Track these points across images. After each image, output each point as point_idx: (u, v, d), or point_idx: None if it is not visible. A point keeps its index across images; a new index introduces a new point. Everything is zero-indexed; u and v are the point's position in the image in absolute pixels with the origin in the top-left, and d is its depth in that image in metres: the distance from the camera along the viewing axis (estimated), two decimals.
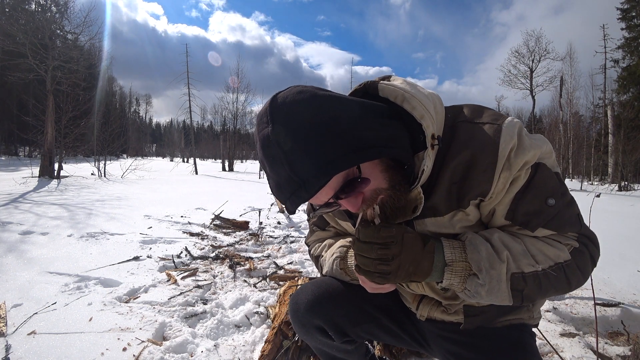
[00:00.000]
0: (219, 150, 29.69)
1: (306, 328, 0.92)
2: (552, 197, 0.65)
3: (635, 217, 5.75)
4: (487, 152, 0.63)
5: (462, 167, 0.65)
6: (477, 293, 0.63)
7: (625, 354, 1.50)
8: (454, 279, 0.64)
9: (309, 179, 0.53)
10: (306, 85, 0.60)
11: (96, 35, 13.50)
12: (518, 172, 0.63)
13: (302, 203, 0.57)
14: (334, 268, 0.88)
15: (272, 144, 0.55)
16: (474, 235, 0.67)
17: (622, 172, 15.84)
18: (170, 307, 1.83)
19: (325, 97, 0.58)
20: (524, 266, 0.63)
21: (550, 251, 0.65)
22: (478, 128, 0.66)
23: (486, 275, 0.62)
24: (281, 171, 0.55)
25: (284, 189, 0.56)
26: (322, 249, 0.96)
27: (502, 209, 0.67)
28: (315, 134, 0.54)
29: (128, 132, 41.81)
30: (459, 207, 0.68)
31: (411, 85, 0.67)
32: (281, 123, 0.55)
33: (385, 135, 0.58)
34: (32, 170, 10.41)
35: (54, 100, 10.55)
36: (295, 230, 3.99)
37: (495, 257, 0.63)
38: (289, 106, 0.56)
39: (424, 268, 0.64)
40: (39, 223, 3.67)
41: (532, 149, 0.63)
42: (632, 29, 21.96)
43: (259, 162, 0.63)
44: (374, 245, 0.61)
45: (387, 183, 0.62)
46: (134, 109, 60.96)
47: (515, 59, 22.01)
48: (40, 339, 1.45)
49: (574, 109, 20.38)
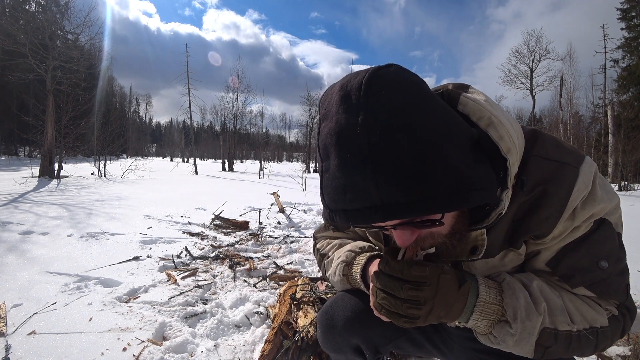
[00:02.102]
0: (219, 150, 29.68)
1: (340, 347, 0.84)
2: (606, 260, 0.59)
3: (635, 217, 5.74)
4: (558, 197, 0.57)
5: (527, 206, 0.59)
6: (504, 341, 0.57)
7: (625, 354, 1.50)
8: (482, 321, 0.58)
9: (392, 205, 0.42)
10: (411, 72, 0.47)
11: (96, 35, 13.51)
12: (581, 223, 0.58)
13: (364, 224, 0.48)
14: (336, 272, 0.81)
15: (360, 138, 0.42)
16: (512, 279, 0.60)
17: (622, 172, 15.82)
18: (170, 307, 1.83)
19: (436, 102, 0.48)
20: (559, 323, 0.58)
21: (589, 313, 0.60)
22: (554, 167, 0.58)
23: (520, 325, 0.56)
24: (357, 176, 0.43)
25: (349, 198, 0.44)
26: (331, 248, 0.89)
27: (548, 254, 0.62)
28: (422, 150, 0.43)
29: (128, 132, 41.80)
30: (510, 247, 0.63)
31: (494, 105, 0.57)
32: (380, 116, 0.42)
33: (484, 175, 0.49)
34: (32, 170, 10.41)
35: (54, 100, 10.55)
36: (295, 230, 3.99)
37: (532, 307, 0.57)
38: (394, 98, 0.43)
39: (455, 311, 0.57)
40: (39, 223, 3.67)
41: (601, 202, 0.58)
42: (632, 29, 21.93)
43: (318, 144, 0.50)
44: (404, 283, 0.53)
45: (448, 230, 0.55)
46: (134, 109, 60.97)
47: (515, 58, 22.09)
48: (40, 339, 1.45)
49: (574, 109, 20.36)
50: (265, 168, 19.20)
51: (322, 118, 0.50)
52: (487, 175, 0.50)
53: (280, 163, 47.49)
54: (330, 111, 0.47)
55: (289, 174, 14.64)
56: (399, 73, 0.46)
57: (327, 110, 0.48)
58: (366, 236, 0.87)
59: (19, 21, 11.77)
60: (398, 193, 0.42)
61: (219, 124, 45.00)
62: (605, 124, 20.31)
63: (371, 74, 0.45)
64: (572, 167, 0.58)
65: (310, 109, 31.37)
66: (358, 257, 0.79)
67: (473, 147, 0.50)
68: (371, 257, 0.78)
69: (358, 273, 0.77)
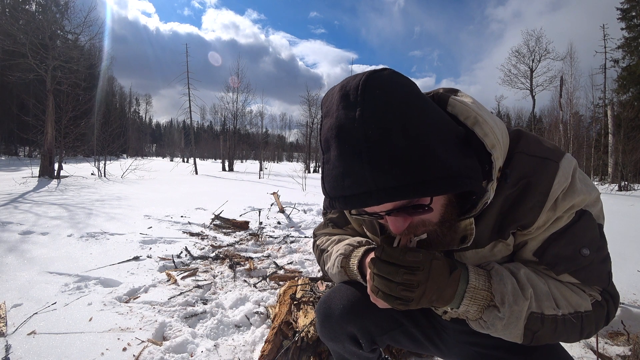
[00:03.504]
0: (219, 150, 29.71)
1: (337, 335, 0.87)
2: (588, 248, 0.63)
3: (635, 217, 5.75)
4: (540, 189, 0.62)
5: (512, 199, 0.64)
6: (493, 325, 0.61)
7: (625, 354, 1.50)
8: (472, 306, 0.62)
9: (386, 189, 0.47)
10: (404, 76, 0.54)
11: (96, 35, 13.52)
12: (562, 213, 0.63)
13: (361, 208, 0.51)
14: (335, 265, 0.85)
15: (357, 131, 0.48)
16: (500, 267, 0.64)
17: (622, 172, 15.83)
18: (170, 307, 1.83)
19: (426, 101, 0.53)
20: (545, 308, 0.62)
21: (573, 298, 0.64)
22: (536, 162, 0.63)
23: (508, 309, 0.60)
24: (354, 165, 0.48)
25: (347, 185, 0.49)
26: (330, 243, 0.93)
27: (534, 244, 0.66)
28: (411, 142, 0.48)
29: (128, 132, 41.83)
30: (499, 238, 0.67)
31: (480, 106, 0.63)
32: (375, 112, 0.48)
33: (469, 166, 0.54)
34: (32, 170, 10.43)
35: (54, 100, 10.56)
36: (295, 230, 3.99)
37: (519, 293, 0.61)
38: (388, 96, 0.49)
39: (446, 296, 0.61)
40: (39, 223, 3.67)
41: (581, 194, 0.62)
42: (632, 29, 21.95)
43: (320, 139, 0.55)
44: (399, 268, 0.57)
45: (438, 218, 0.59)
46: (134, 109, 60.98)
47: (515, 58, 22.11)
48: (40, 339, 1.45)
49: (574, 109, 20.36)
50: (265, 168, 19.20)
51: (323, 116, 0.56)
52: (472, 166, 0.55)
53: (280, 163, 47.53)
54: (331, 109, 0.53)
55: (289, 174, 14.66)
56: (393, 76, 0.52)
57: (329, 109, 0.54)
58: (364, 232, 0.91)
59: (19, 21, 11.77)
60: (390, 178, 0.47)
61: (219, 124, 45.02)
62: (605, 124, 20.33)
63: (368, 75, 0.51)
64: (553, 161, 0.63)
65: (310, 109, 31.28)
66: (356, 250, 0.83)
67: (460, 142, 0.56)
68: (368, 250, 0.81)
69: (355, 265, 0.80)
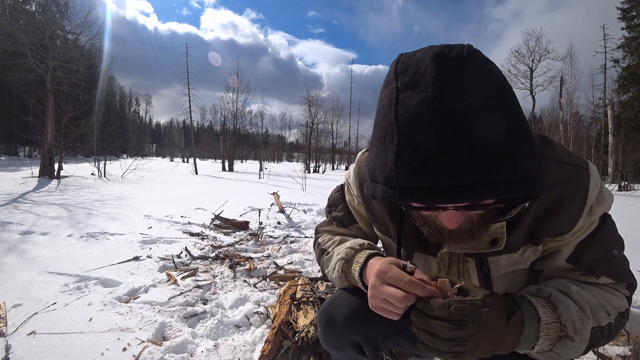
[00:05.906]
0: (219, 150, 29.70)
1: (340, 344, 0.85)
2: (616, 248, 0.67)
3: (635, 217, 5.75)
4: (579, 195, 0.62)
5: (546, 205, 0.64)
6: (566, 355, 0.56)
7: (625, 354, 1.50)
8: (544, 343, 0.56)
9: (488, 184, 0.43)
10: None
11: (96, 36, 13.51)
12: (597, 218, 0.65)
13: (443, 204, 0.48)
14: (335, 269, 0.81)
15: (459, 113, 0.43)
16: (557, 292, 0.60)
17: (622, 172, 15.82)
18: (170, 307, 1.83)
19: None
20: (602, 320, 0.62)
21: (615, 301, 0.66)
22: (568, 169, 0.64)
23: (579, 336, 0.56)
24: (457, 152, 0.42)
25: (440, 173, 0.43)
26: (332, 244, 0.89)
27: (567, 250, 0.67)
28: (515, 133, 0.45)
29: (128, 132, 41.83)
30: (529, 243, 0.67)
31: None
32: (481, 94, 0.44)
33: (542, 168, 0.53)
34: (32, 170, 10.41)
35: (54, 100, 10.54)
36: (295, 231, 3.99)
37: (583, 315, 0.58)
38: (492, 79, 0.46)
39: (506, 343, 0.55)
40: (39, 223, 3.67)
41: (608, 199, 0.65)
42: (632, 29, 21.93)
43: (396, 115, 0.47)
44: (446, 323, 0.51)
45: (481, 213, 0.58)
46: (134, 109, 60.98)
47: (515, 58, 22.07)
48: (40, 339, 1.45)
49: (574, 109, 20.35)
50: (265, 168, 19.18)
51: (404, 87, 0.48)
52: (542, 169, 0.52)
53: (280, 163, 47.46)
54: (421, 81, 0.46)
55: (289, 174, 14.64)
56: (483, 56, 0.49)
57: (416, 80, 0.47)
58: (371, 232, 0.90)
59: (19, 21, 11.78)
60: (495, 172, 0.43)
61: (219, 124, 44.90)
62: (605, 124, 20.31)
63: (467, 51, 0.47)
64: (583, 169, 0.64)
65: (310, 109, 31.33)
66: (357, 254, 0.79)
67: None
68: (370, 256, 0.77)
69: (357, 271, 0.77)
